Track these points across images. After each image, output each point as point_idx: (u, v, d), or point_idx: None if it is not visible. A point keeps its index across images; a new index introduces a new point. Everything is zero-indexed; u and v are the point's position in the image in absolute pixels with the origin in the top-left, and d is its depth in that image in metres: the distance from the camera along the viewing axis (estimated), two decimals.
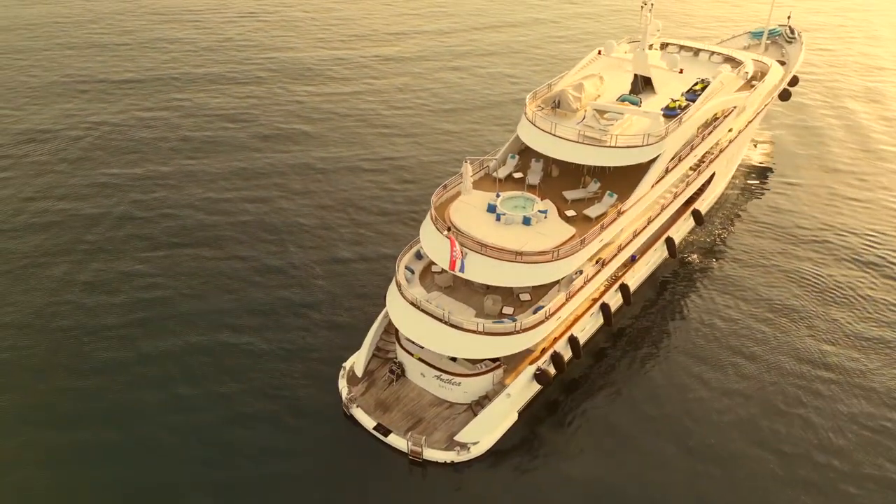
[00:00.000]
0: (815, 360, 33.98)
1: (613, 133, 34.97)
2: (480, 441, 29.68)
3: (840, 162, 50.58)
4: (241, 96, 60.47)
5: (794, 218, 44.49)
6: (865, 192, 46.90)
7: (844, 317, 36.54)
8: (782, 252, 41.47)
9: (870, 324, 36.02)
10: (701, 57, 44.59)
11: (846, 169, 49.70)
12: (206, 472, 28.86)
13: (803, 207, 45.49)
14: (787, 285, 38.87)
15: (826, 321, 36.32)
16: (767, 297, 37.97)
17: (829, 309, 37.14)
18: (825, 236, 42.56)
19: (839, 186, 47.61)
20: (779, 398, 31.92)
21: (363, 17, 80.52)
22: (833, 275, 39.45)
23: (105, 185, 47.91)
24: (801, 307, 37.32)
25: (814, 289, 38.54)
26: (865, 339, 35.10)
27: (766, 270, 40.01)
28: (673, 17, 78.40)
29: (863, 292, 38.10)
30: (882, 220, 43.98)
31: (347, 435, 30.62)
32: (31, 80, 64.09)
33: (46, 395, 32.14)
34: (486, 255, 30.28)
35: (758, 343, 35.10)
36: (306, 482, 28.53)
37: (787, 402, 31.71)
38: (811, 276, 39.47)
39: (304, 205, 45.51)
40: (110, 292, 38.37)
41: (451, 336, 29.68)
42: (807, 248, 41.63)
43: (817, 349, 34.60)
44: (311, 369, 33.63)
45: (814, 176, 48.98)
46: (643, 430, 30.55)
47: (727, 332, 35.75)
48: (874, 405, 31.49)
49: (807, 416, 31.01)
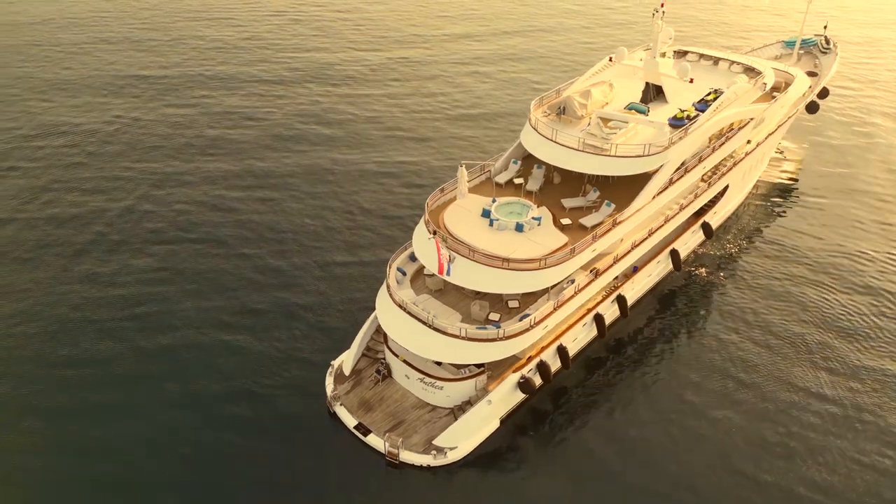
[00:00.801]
0: (811, 390, 32.50)
1: (616, 142, 34.42)
2: (459, 446, 29.51)
3: (864, 182, 48.63)
4: (265, 95, 61.50)
5: (809, 238, 42.78)
6: (887, 216, 44.87)
7: (849, 346, 34.83)
8: (793, 273, 39.92)
9: (873, 354, 34.36)
10: (720, 66, 43.54)
11: (869, 190, 47.73)
12: (187, 467, 29.28)
13: (821, 228, 43.73)
14: (793, 309, 37.37)
15: (829, 350, 34.69)
16: (771, 321, 36.57)
17: (833, 337, 35.44)
18: (839, 261, 40.65)
19: (860, 208, 45.62)
20: (768, 429, 30.66)
21: (393, 18, 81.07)
22: (843, 301, 37.71)
23: (119, 178, 49.22)
24: (805, 333, 35.76)
25: (821, 315, 36.93)
26: (868, 370, 33.46)
27: (774, 292, 38.60)
28: (708, 27, 76.87)
29: (871, 321, 36.32)
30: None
31: (330, 433, 30.78)
32: (64, 72, 66.37)
33: (37, 383, 33.12)
34: (473, 261, 30.12)
35: (754, 369, 33.78)
36: (285, 478, 28.75)
37: (777, 433, 30.45)
38: (820, 301, 37.84)
39: (311, 205, 45.96)
40: (113, 284, 39.39)
41: (434, 340, 29.59)
42: (819, 272, 39.93)
43: (815, 379, 33.12)
44: (301, 367, 33.88)
45: (836, 195, 47.07)
46: (621, 454, 29.70)
47: (723, 355, 34.59)
48: (868, 440, 30.12)
49: (795, 449, 29.76)
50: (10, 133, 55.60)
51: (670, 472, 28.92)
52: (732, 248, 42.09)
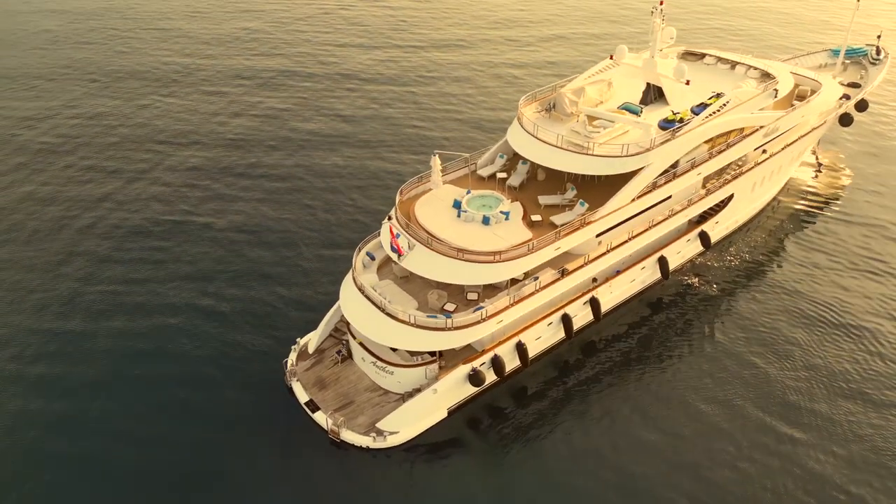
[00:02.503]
0: (786, 416, 30.69)
1: (599, 141, 33.73)
2: (400, 431, 29.75)
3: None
4: (296, 91, 63.05)
5: (822, 258, 40.22)
6: None
7: (844, 374, 32.64)
8: (795, 293, 37.58)
9: (871, 385, 32.18)
10: (737, 70, 41.73)
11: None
12: (138, 424, 30.86)
13: (837, 249, 40.90)
14: (787, 329, 35.28)
15: (817, 376, 32.63)
16: (760, 340, 34.61)
17: (827, 364, 33.25)
18: (847, 303, 37.11)
19: (888, 245, 41.78)
20: (729, 450, 29.27)
21: (429, 18, 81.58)
22: (848, 326, 35.27)
23: (137, 162, 51.91)
24: (795, 357, 33.68)
25: (818, 340, 34.59)
26: (865, 402, 31.40)
27: (770, 311, 36.47)
28: (758, 38, 73.47)
29: (877, 349, 33.95)
30: None
31: (283, 406, 31.63)
32: (98, 64, 70.10)
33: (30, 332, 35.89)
34: (431, 250, 30.28)
35: (726, 386, 32.20)
36: (232, 444, 29.81)
37: (738, 456, 29.01)
38: (819, 324, 35.56)
39: (321, 188, 47.42)
40: (120, 249, 41.89)
41: (385, 324, 29.95)
42: (824, 294, 37.46)
43: (794, 405, 31.21)
44: (272, 343, 34.74)
45: (864, 225, 43.26)
46: (566, 460, 29.08)
47: (697, 371, 33.12)
48: (835, 470, 28.39)
49: (752, 475, 28.26)
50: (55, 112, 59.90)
51: (609, 481, 28.17)
52: (733, 262, 40.25)
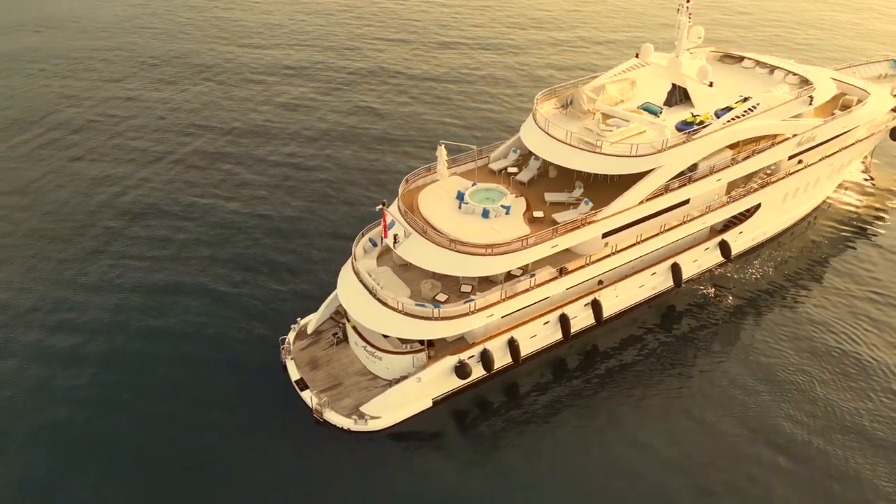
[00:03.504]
0: (779, 445, 28.89)
1: (611, 140, 32.97)
2: (382, 417, 29.99)
3: None
4: (327, 82, 63.93)
5: (851, 285, 37.37)
6: None
7: (847, 411, 30.30)
8: (813, 320, 35.08)
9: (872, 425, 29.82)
10: (775, 75, 39.87)
11: None
12: (135, 391, 32.17)
13: (869, 278, 37.83)
14: (796, 357, 32.98)
15: (820, 407, 30.54)
16: (766, 364, 32.68)
17: (830, 400, 30.88)
18: (876, 318, 35.07)
19: None
20: (714, 478, 27.83)
21: (473, 15, 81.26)
22: (862, 362, 32.61)
23: (165, 144, 53.81)
24: (800, 383, 31.64)
25: (830, 366, 32.41)
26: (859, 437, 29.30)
27: (782, 336, 34.22)
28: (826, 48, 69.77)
29: (884, 388, 31.42)
30: None
31: (276, 383, 32.34)
32: (138, 53, 73.09)
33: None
34: (425, 238, 30.36)
35: (721, 409, 30.49)
36: (223, 419, 30.63)
37: (723, 484, 27.58)
38: (833, 350, 33.31)
39: (342, 179, 48.02)
40: (144, 226, 43.78)
41: (375, 310, 30.23)
42: (845, 325, 34.77)
43: (790, 434, 29.35)
44: (274, 321, 35.41)
45: None
46: (546, 467, 28.40)
47: (695, 389, 31.58)
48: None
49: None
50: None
51: (581, 492, 27.51)
52: (754, 276, 38.42)
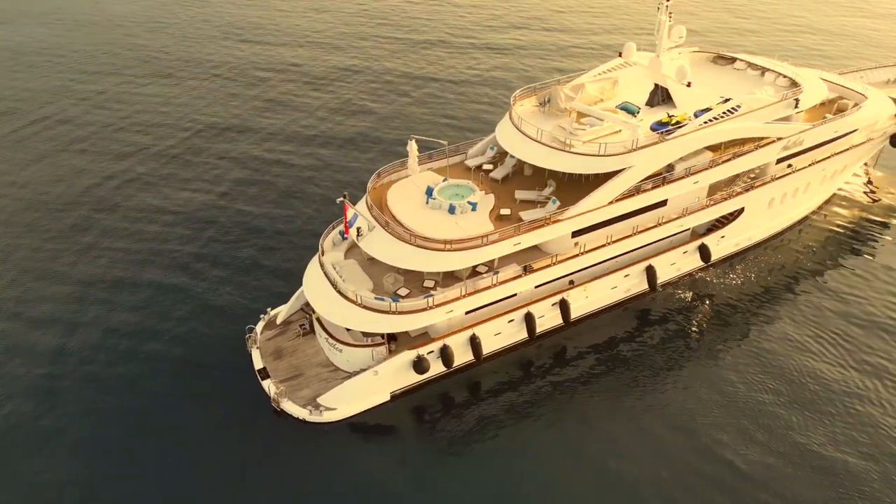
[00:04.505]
0: (727, 461, 27.87)
1: (583, 139, 32.61)
2: (338, 408, 30.10)
3: None
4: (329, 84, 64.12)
5: (836, 299, 36.04)
6: None
7: (806, 428, 29.21)
8: (791, 335, 33.81)
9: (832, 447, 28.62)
10: (766, 77, 38.97)
11: None
12: (105, 371, 32.85)
13: (855, 293, 36.31)
14: (764, 371, 31.79)
15: (778, 425, 29.34)
16: (730, 378, 31.43)
17: (794, 415, 29.70)
18: (854, 336, 33.65)
19: None
20: (663, 476, 27.41)
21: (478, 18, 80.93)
22: (829, 377, 31.44)
23: (164, 139, 54.56)
24: (762, 400, 30.37)
25: (793, 385, 31.06)
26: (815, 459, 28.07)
27: (754, 346, 33.19)
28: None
29: (857, 412, 29.96)
30: None
31: (240, 372, 32.65)
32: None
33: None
34: (388, 232, 30.39)
35: (677, 422, 29.53)
36: (185, 402, 31.12)
37: (676, 486, 27.09)
38: (798, 369, 31.90)
39: (327, 177, 48.08)
40: (117, 218, 44.35)
41: (335, 302, 30.34)
42: (821, 340, 33.46)
43: (741, 451, 28.26)
44: (247, 313, 35.72)
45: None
46: (503, 465, 28.11)
47: (659, 395, 30.88)
48: None
49: None
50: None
51: (534, 492, 27.20)
52: (735, 282, 37.58)
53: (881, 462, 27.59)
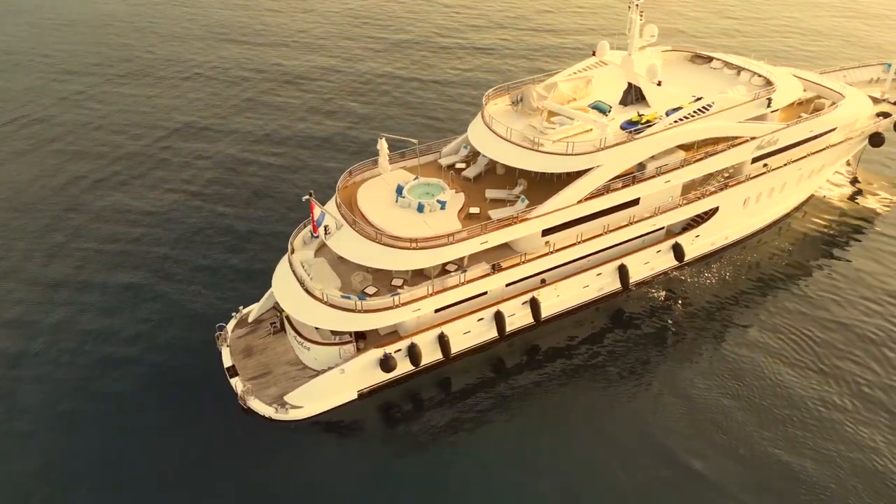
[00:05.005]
0: (685, 465, 27.70)
1: (552, 138, 32.61)
2: (304, 406, 30.13)
3: None
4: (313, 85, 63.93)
5: (811, 298, 35.94)
6: None
7: (768, 437, 28.89)
8: (758, 336, 33.61)
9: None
10: (742, 76, 38.88)
11: None
12: (71, 370, 32.98)
13: (831, 291, 36.31)
14: (731, 374, 31.47)
15: (736, 430, 29.13)
16: (697, 383, 31.17)
17: (765, 420, 29.47)
18: (827, 335, 33.61)
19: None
20: (619, 476, 27.40)
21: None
22: (806, 384, 31.02)
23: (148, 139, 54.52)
24: (730, 406, 29.95)
25: (758, 390, 30.69)
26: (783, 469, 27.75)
27: (724, 348, 32.99)
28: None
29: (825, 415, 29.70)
30: None
31: (210, 370, 32.71)
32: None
33: None
34: (354, 230, 30.42)
35: (641, 423, 29.33)
36: (155, 400, 31.24)
37: (631, 488, 27.03)
38: (767, 374, 31.54)
39: (304, 177, 48.00)
40: (100, 219, 44.31)
41: (302, 300, 30.36)
42: (791, 344, 33.19)
43: (707, 457, 27.98)
44: (219, 312, 35.79)
45: (882, 259, 38.65)
46: (470, 466, 28.02)
47: (623, 403, 30.62)
48: None
49: None
50: None
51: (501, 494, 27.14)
52: (709, 281, 37.52)
53: (842, 467, 27.39)
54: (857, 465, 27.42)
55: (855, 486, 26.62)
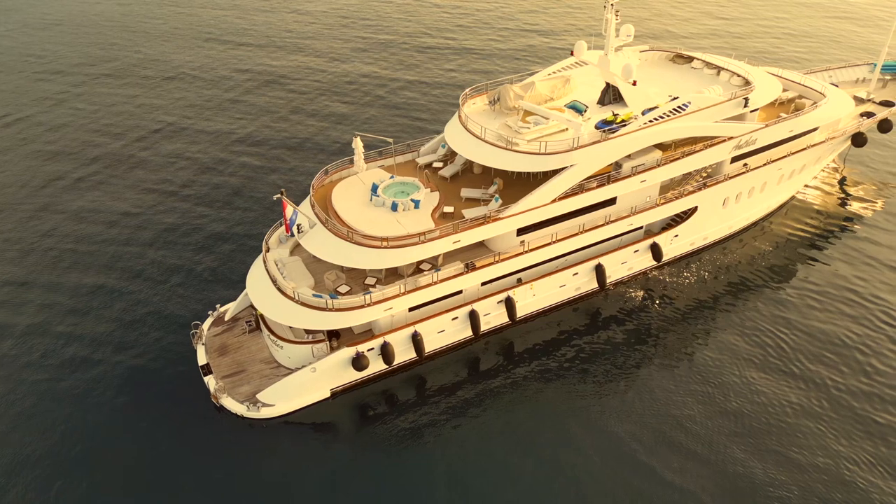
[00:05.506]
0: (659, 474, 27.50)
1: (527, 138, 32.65)
2: (276, 405, 30.17)
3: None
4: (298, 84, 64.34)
5: (792, 296, 35.91)
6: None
7: (743, 439, 28.68)
8: (741, 331, 33.73)
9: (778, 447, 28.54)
10: (721, 76, 38.86)
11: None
12: (45, 369, 33.12)
13: (812, 289, 36.26)
14: (708, 377, 31.35)
15: (711, 434, 28.89)
16: (682, 377, 31.30)
17: (732, 425, 29.21)
18: (811, 334, 33.55)
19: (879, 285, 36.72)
20: (586, 481, 27.28)
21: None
22: (776, 391, 30.73)
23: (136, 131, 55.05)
24: (698, 412, 29.73)
25: (737, 396, 30.41)
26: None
27: (700, 350, 32.83)
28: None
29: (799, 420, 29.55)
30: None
31: (186, 367, 32.83)
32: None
33: None
34: (326, 229, 30.48)
35: (607, 425, 29.28)
36: (128, 395, 31.37)
37: (599, 492, 26.91)
38: (746, 379, 31.26)
39: (283, 177, 48.03)
40: (75, 219, 44.38)
41: (274, 298, 30.40)
42: (776, 340, 33.21)
43: (670, 463, 27.83)
44: (197, 310, 36.07)
45: (863, 258, 38.49)
46: (442, 474, 27.88)
47: (600, 397, 30.68)
48: None
49: None
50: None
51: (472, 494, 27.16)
52: (688, 281, 37.44)
53: (808, 472, 27.28)
54: (824, 471, 27.28)
55: (820, 492, 26.50)
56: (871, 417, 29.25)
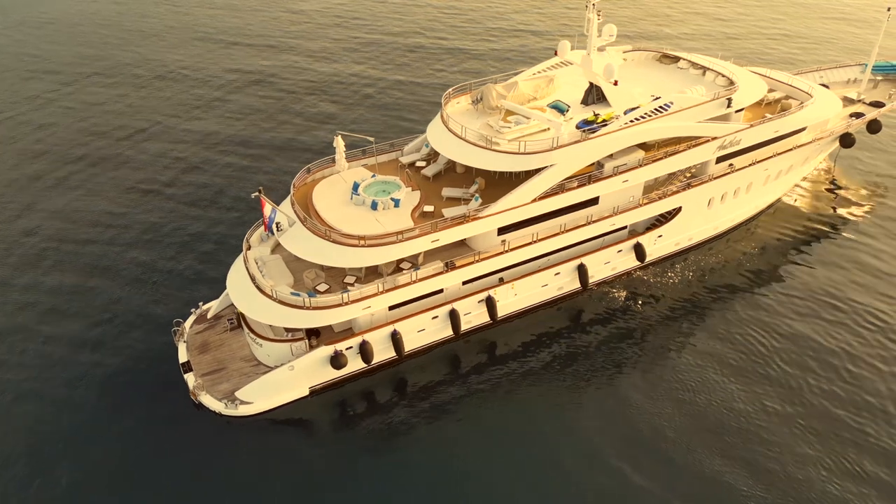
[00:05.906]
0: (630, 478, 27.30)
1: (507, 137, 32.64)
2: (254, 402, 30.21)
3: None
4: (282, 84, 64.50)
5: (777, 299, 35.70)
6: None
7: (716, 444, 28.48)
8: (723, 335, 33.53)
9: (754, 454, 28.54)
10: (707, 76, 38.81)
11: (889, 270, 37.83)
12: (26, 369, 33.27)
13: (797, 292, 36.13)
14: (686, 382, 31.13)
15: (685, 440, 28.64)
16: (660, 381, 31.09)
17: (707, 430, 29.01)
18: (795, 337, 33.44)
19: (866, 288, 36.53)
20: (557, 484, 27.20)
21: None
22: (753, 397, 30.34)
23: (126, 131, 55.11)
24: (675, 416, 29.56)
25: (714, 400, 30.17)
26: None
27: (679, 353, 32.67)
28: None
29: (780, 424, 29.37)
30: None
31: (167, 365, 32.87)
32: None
33: None
34: (305, 227, 30.50)
35: (583, 432, 29.04)
36: (110, 392, 31.48)
37: (573, 494, 26.87)
38: (724, 385, 30.96)
39: (268, 176, 48.06)
40: (59, 218, 44.41)
41: (252, 296, 30.42)
42: (759, 344, 33.05)
43: (648, 469, 27.61)
44: (179, 308, 36.01)
45: (848, 259, 38.40)
46: (425, 466, 27.95)
47: (580, 398, 30.57)
48: None
49: None
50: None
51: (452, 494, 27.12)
52: (672, 282, 37.40)
53: (781, 479, 27.10)
54: (798, 476, 27.13)
55: (794, 497, 26.37)
56: (847, 422, 29.14)
